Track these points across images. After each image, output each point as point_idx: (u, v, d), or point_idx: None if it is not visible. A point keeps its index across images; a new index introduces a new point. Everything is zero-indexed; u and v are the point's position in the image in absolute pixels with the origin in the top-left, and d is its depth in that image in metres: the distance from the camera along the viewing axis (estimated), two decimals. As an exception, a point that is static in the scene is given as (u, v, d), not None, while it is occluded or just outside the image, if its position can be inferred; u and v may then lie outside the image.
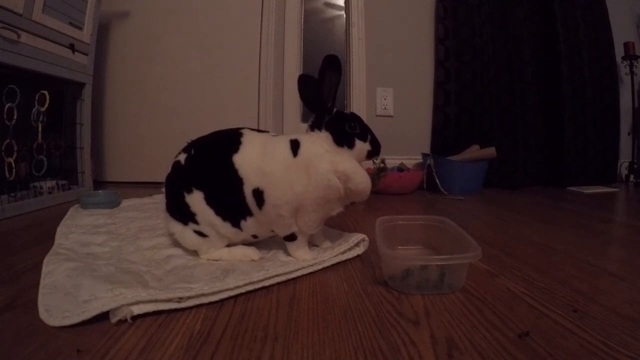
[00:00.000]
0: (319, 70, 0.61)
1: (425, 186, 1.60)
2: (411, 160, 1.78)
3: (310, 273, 0.61)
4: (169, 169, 0.67)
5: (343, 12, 1.86)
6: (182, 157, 0.65)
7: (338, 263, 0.65)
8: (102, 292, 0.46)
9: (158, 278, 0.55)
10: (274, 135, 0.66)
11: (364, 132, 0.65)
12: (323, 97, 0.63)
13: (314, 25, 1.85)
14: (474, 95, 1.77)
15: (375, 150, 0.65)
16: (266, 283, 0.54)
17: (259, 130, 0.67)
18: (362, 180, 0.61)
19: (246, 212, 0.62)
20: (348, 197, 0.62)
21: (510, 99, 1.77)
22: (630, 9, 2.10)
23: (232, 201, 0.61)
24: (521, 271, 0.63)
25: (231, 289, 0.51)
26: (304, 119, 1.77)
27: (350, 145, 0.62)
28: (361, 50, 1.79)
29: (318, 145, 0.61)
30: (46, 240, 0.75)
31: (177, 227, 0.65)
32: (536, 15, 1.84)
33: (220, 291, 0.50)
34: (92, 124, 1.41)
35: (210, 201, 0.61)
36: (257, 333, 0.42)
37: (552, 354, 0.38)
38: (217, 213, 0.62)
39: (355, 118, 0.65)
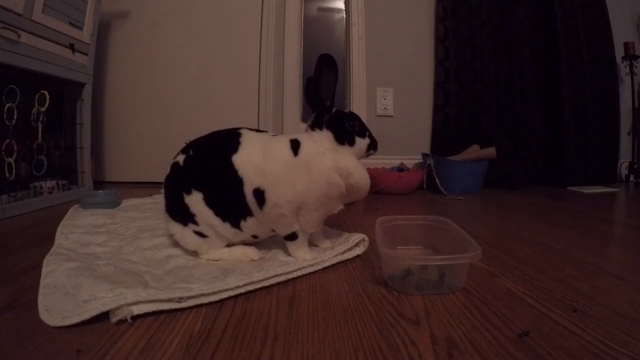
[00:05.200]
0: (315, 69, 0.63)
1: (425, 186, 1.60)
2: (411, 160, 1.78)
3: (310, 273, 0.61)
4: (167, 170, 0.67)
5: (343, 13, 1.86)
6: (181, 158, 0.65)
7: (338, 263, 0.65)
8: (102, 292, 0.46)
9: (158, 278, 0.55)
10: (273, 135, 0.67)
11: (363, 129, 0.66)
12: (321, 96, 0.64)
13: (314, 25, 1.85)
14: (474, 95, 1.77)
15: (373, 145, 0.67)
16: (266, 283, 0.54)
17: (257, 130, 0.67)
18: (362, 176, 0.62)
19: (246, 213, 0.62)
20: (349, 193, 0.63)
21: (510, 99, 1.77)
22: (630, 9, 2.10)
23: (232, 201, 0.61)
24: (521, 271, 0.63)
25: (231, 289, 0.51)
26: (304, 119, 1.77)
27: (351, 143, 0.64)
28: (361, 50, 1.79)
29: (319, 143, 0.62)
30: (46, 240, 0.75)
31: (176, 228, 0.65)
32: (536, 15, 1.84)
33: (220, 291, 0.50)
34: (92, 124, 1.41)
35: (209, 202, 0.61)
36: (257, 333, 0.42)
37: (552, 354, 0.38)
38: (217, 214, 0.62)
39: (354, 116, 0.66)
